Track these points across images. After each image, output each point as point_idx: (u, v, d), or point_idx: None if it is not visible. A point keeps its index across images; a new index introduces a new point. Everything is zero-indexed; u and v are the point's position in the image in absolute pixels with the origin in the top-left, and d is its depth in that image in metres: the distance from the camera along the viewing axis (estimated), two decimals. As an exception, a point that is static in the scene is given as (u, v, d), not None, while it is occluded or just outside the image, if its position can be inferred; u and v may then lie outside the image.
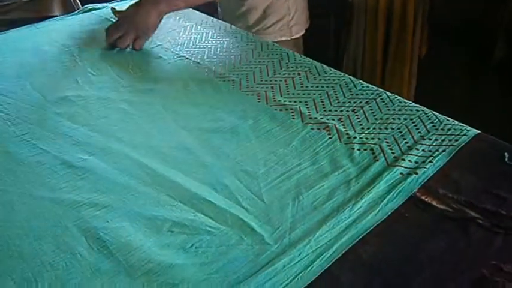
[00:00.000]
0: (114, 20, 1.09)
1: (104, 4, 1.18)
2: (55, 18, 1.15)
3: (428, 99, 0.87)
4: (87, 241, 0.50)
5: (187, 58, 0.90)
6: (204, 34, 1.00)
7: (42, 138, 0.68)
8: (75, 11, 1.17)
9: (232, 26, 1.03)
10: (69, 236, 0.51)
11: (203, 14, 1.10)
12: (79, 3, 1.21)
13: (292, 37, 1.26)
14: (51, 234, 0.52)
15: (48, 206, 0.56)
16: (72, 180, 0.60)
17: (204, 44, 0.95)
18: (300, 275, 0.44)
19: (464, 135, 0.62)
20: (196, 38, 0.98)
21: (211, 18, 1.08)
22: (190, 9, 1.13)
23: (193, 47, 0.94)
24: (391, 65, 1.40)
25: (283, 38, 1.24)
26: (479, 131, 0.63)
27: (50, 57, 0.94)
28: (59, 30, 1.07)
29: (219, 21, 1.06)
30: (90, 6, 1.17)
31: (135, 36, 0.94)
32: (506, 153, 0.58)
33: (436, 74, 1.34)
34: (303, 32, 1.29)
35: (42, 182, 0.60)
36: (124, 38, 0.93)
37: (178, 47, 0.95)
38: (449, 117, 0.66)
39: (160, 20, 0.96)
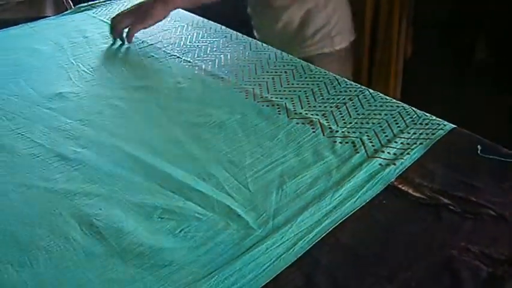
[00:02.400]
0: (107, 21, 1.12)
1: (96, 4, 1.20)
2: (48, 18, 1.17)
3: (413, 98, 0.90)
4: (81, 227, 0.53)
5: (178, 57, 0.92)
6: (195, 34, 1.02)
7: (36, 132, 0.71)
8: (68, 11, 1.20)
9: (222, 27, 1.06)
10: (63, 223, 0.54)
11: (194, 15, 1.13)
12: (71, 4, 1.23)
13: (335, 48, 1.14)
14: (45, 221, 0.54)
15: (42, 195, 0.58)
16: (66, 171, 0.62)
17: (195, 44, 0.98)
18: (282, 256, 0.47)
19: (441, 129, 0.65)
20: (187, 38, 1.01)
21: (202, 19, 1.11)
22: (182, 10, 1.16)
23: (184, 46, 0.97)
24: (377, 67, 1.44)
25: (325, 50, 1.13)
26: (455, 126, 0.66)
27: (43, 56, 0.96)
28: (52, 29, 1.09)
29: (209, 22, 1.09)
30: (83, 6, 1.20)
31: (132, 22, 0.95)
32: (479, 146, 0.62)
33: (421, 74, 1.38)
34: (347, 44, 1.16)
35: (36, 173, 0.62)
36: (121, 19, 0.96)
37: (170, 46, 0.98)
38: (433, 114, 0.69)
39: (165, 17, 0.98)
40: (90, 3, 1.21)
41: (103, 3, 1.22)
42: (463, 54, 1.14)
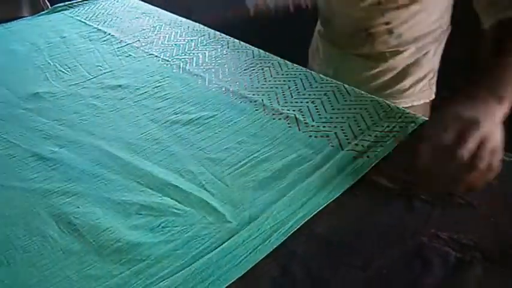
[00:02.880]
0: (84, 21, 1.11)
1: (73, 4, 1.19)
2: (24, 18, 1.16)
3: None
4: (58, 225, 0.53)
5: (156, 56, 0.93)
6: (173, 33, 1.03)
7: (12, 133, 0.70)
8: (44, 11, 1.19)
9: (201, 25, 1.06)
10: (40, 222, 0.54)
11: (171, 14, 1.13)
12: (48, 4, 1.22)
13: (431, 99, 0.93)
14: (22, 220, 0.54)
15: (19, 195, 0.58)
16: (43, 171, 0.62)
17: (173, 43, 0.98)
18: (258, 248, 0.47)
19: (413, 122, 0.67)
20: (165, 37, 1.01)
21: (180, 18, 1.11)
22: (160, 9, 1.17)
23: (162, 45, 0.97)
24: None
25: (422, 101, 0.91)
26: (426, 118, 0.68)
27: (19, 56, 0.95)
28: (28, 30, 1.08)
29: (188, 21, 1.09)
30: (60, 6, 1.19)
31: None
32: (449, 137, 0.64)
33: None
34: (435, 89, 0.94)
35: (12, 173, 0.62)
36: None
37: (148, 45, 0.98)
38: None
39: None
40: (67, 3, 1.20)
41: (80, 3, 1.21)
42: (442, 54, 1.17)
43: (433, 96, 0.94)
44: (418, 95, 0.91)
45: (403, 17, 0.83)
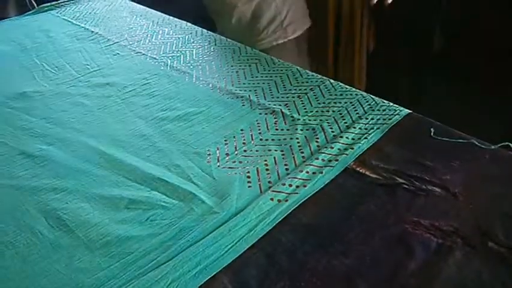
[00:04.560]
0: (71, 20, 1.11)
1: (60, 4, 1.19)
2: (10, 18, 1.16)
3: (378, 90, 0.93)
4: (47, 221, 0.54)
5: (143, 54, 0.93)
6: (161, 31, 1.03)
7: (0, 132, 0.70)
8: (31, 11, 1.18)
9: (188, 24, 1.07)
10: (29, 218, 0.54)
11: (159, 13, 1.13)
12: (34, 4, 1.22)
13: (289, 38, 1.11)
14: (11, 216, 0.55)
15: (7, 192, 0.58)
16: (31, 168, 0.62)
17: (160, 41, 0.99)
18: (244, 237, 0.48)
19: (397, 114, 0.68)
20: (153, 36, 1.02)
21: (168, 16, 1.12)
22: (147, 8, 1.17)
23: (150, 43, 0.98)
24: (341, 61, 1.47)
25: (280, 41, 1.10)
26: (410, 111, 0.70)
27: (6, 56, 0.95)
28: (15, 30, 1.08)
29: (175, 19, 1.10)
30: (46, 6, 1.19)
31: None
32: (432, 129, 0.65)
33: (385, 67, 1.42)
34: (301, 31, 1.14)
35: (0, 171, 0.62)
36: None
37: (135, 43, 0.98)
38: (397, 103, 0.72)
39: None
40: (53, 3, 1.20)
41: (67, 3, 1.21)
42: (422, 45, 1.19)
43: (291, 36, 1.10)
44: (272, 35, 1.09)
45: None
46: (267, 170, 0.58)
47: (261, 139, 0.65)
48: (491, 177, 0.57)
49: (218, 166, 0.60)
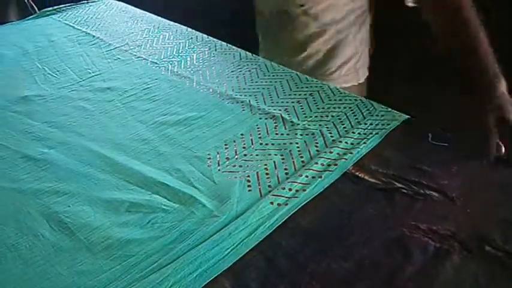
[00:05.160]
0: (72, 25, 1.12)
1: (61, 8, 1.20)
2: (12, 22, 1.16)
3: (377, 94, 0.94)
4: (49, 224, 0.54)
5: (144, 59, 0.94)
6: (161, 36, 1.04)
7: (1, 135, 0.71)
8: (32, 15, 1.19)
9: (189, 29, 1.08)
10: (31, 221, 0.55)
11: (159, 18, 1.14)
12: (36, 8, 1.23)
13: (360, 82, 1.04)
14: (13, 219, 0.55)
15: (9, 195, 0.59)
16: (33, 172, 0.63)
17: (161, 46, 1.00)
18: (245, 240, 0.49)
19: (396, 119, 0.69)
20: (154, 40, 1.02)
21: (168, 21, 1.13)
22: (148, 12, 1.18)
23: (151, 48, 0.99)
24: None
25: (349, 84, 1.02)
26: (408, 116, 0.70)
27: (8, 60, 0.96)
28: (17, 34, 1.09)
29: (176, 24, 1.11)
30: (48, 10, 1.19)
31: None
32: (429, 134, 0.66)
33: (384, 71, 1.43)
34: (367, 74, 1.06)
35: (2, 174, 0.63)
36: None
37: (136, 48, 0.99)
38: (395, 108, 0.73)
39: None
40: (55, 7, 1.21)
41: (68, 7, 1.22)
42: (422, 50, 1.20)
43: (362, 80, 1.04)
44: (344, 78, 1.01)
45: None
46: (267, 174, 0.59)
47: (261, 143, 0.65)
48: (489, 182, 0.58)
49: (219, 170, 0.60)
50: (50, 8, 1.20)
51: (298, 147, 0.64)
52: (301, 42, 0.99)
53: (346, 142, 0.64)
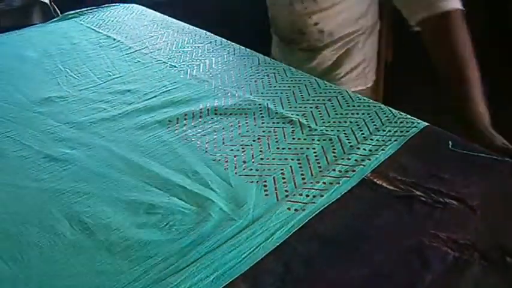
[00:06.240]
0: (94, 28, 1.14)
1: (83, 11, 1.23)
2: (35, 25, 1.19)
3: (396, 101, 0.94)
4: (70, 223, 0.55)
5: (164, 62, 0.95)
6: (181, 40, 1.05)
7: (25, 135, 0.73)
8: (55, 18, 1.22)
9: (208, 33, 1.09)
10: (52, 220, 0.56)
11: (179, 22, 1.15)
12: (59, 11, 1.25)
13: (368, 86, 1.09)
14: (35, 218, 0.56)
15: (32, 194, 0.60)
16: (55, 172, 0.64)
17: (181, 49, 1.01)
18: (261, 245, 0.49)
19: (415, 127, 0.69)
20: (173, 44, 1.04)
21: (188, 25, 1.14)
22: (167, 17, 1.19)
23: (170, 52, 1.00)
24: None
25: (359, 88, 1.07)
26: (428, 124, 0.70)
27: (31, 62, 0.98)
28: (40, 36, 1.11)
29: (195, 28, 1.12)
30: (70, 14, 1.22)
31: None
32: (450, 141, 0.65)
33: (401, 78, 1.42)
34: (375, 78, 1.11)
35: (26, 174, 0.64)
36: None
37: (156, 51, 1.00)
38: (413, 115, 0.73)
39: None
40: (77, 11, 1.23)
41: (90, 11, 1.25)
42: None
43: (370, 84, 1.09)
44: (354, 82, 1.06)
45: (328, 18, 0.99)
46: (283, 178, 0.59)
47: (277, 148, 0.65)
48: (510, 191, 0.57)
49: (235, 173, 0.61)
50: (72, 12, 1.23)
51: (315, 152, 0.64)
52: (314, 50, 1.04)
53: (364, 149, 0.64)
